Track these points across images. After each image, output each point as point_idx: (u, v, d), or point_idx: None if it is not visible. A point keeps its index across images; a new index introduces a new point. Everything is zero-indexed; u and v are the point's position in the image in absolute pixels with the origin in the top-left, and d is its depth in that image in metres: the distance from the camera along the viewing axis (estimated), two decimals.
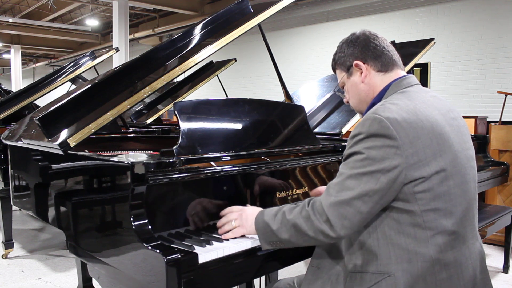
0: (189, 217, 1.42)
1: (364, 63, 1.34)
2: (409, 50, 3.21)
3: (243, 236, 1.39)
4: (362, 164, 1.14)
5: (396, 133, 1.12)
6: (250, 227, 1.34)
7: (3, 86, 5.76)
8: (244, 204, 1.50)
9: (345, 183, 1.16)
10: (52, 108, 1.73)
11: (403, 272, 1.14)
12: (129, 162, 1.31)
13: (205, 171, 1.47)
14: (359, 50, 1.34)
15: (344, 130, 2.40)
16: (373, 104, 1.33)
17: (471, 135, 3.69)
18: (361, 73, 1.34)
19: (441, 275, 1.15)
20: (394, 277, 1.14)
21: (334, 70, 1.47)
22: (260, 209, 1.37)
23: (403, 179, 1.12)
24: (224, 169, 1.52)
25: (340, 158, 1.86)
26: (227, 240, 1.36)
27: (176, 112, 1.57)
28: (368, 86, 1.34)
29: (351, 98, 1.42)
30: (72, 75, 4.31)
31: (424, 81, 5.65)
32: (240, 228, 1.37)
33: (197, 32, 2.05)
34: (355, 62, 1.35)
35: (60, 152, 1.66)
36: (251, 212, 1.37)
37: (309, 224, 1.18)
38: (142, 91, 1.74)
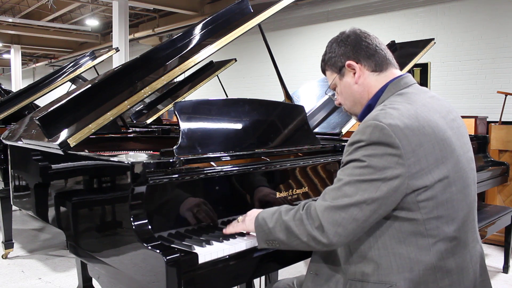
0: (189, 217, 1.42)
1: (357, 63, 1.28)
2: (409, 50, 3.21)
3: (242, 234, 1.39)
4: (362, 171, 1.10)
5: (399, 141, 1.08)
6: (249, 222, 1.33)
7: (3, 86, 5.76)
8: (244, 204, 1.50)
9: (342, 189, 1.12)
10: (52, 108, 1.73)
11: (405, 281, 1.12)
12: (129, 162, 1.31)
13: (205, 171, 1.47)
14: (351, 50, 1.28)
15: (344, 130, 2.40)
16: (369, 106, 1.29)
17: (471, 135, 3.70)
18: (354, 73, 1.29)
19: (443, 282, 1.13)
20: (396, 287, 1.12)
21: (324, 71, 1.40)
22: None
23: (405, 188, 1.09)
24: (224, 169, 1.52)
25: (340, 158, 1.86)
26: (227, 237, 1.37)
27: (176, 112, 1.57)
28: (363, 87, 1.29)
29: (345, 100, 1.36)
30: (72, 75, 4.31)
31: (424, 81, 5.65)
32: (240, 224, 1.37)
33: (197, 32, 2.05)
34: (348, 62, 1.29)
35: (60, 152, 1.66)
36: (255, 211, 1.36)
37: (302, 228, 1.15)
38: (142, 91, 1.74)
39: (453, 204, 1.14)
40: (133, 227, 1.26)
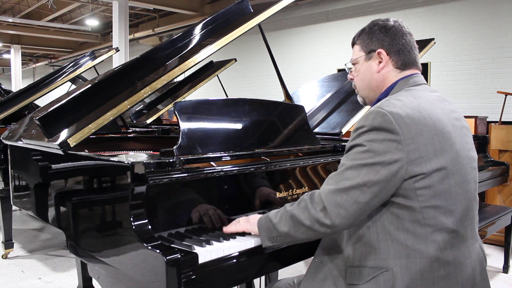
0: (189, 217, 1.42)
1: (387, 55, 1.31)
2: None
3: (243, 234, 1.39)
4: (363, 156, 1.15)
5: (399, 128, 1.12)
6: (253, 224, 1.35)
7: (3, 86, 5.76)
8: (244, 204, 1.50)
9: (344, 174, 1.17)
10: (52, 108, 1.73)
11: (401, 267, 1.15)
12: (129, 162, 1.31)
13: (205, 171, 1.47)
14: (389, 40, 1.31)
15: (344, 130, 2.40)
16: (378, 100, 1.33)
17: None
18: (380, 62, 1.32)
19: (439, 273, 1.15)
20: (392, 272, 1.15)
21: (353, 44, 1.41)
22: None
23: (403, 173, 1.13)
24: (224, 169, 1.52)
25: (340, 158, 1.86)
26: (227, 237, 1.36)
27: (176, 112, 1.57)
28: (382, 77, 1.33)
29: (360, 80, 1.39)
30: (72, 75, 4.31)
31: (426, 82, 5.65)
32: (244, 223, 1.38)
33: (197, 32, 2.05)
34: (380, 50, 1.32)
35: (60, 152, 1.66)
36: (257, 215, 1.38)
37: (306, 213, 1.19)
38: (142, 91, 1.74)
39: (451, 196, 1.17)
40: (133, 227, 1.26)
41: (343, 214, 1.14)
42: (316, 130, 2.48)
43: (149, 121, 3.90)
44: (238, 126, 1.73)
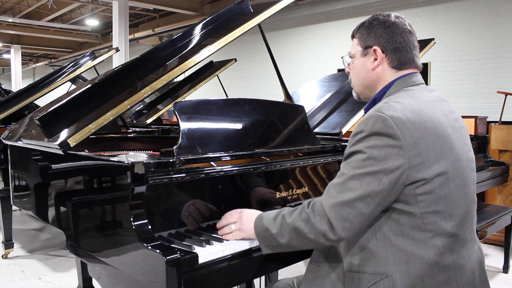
0: (189, 217, 1.42)
1: (383, 53, 1.28)
2: None
3: (242, 238, 1.38)
4: (364, 164, 1.12)
5: (400, 133, 1.10)
6: (249, 230, 1.33)
7: (3, 86, 5.76)
8: (243, 204, 1.50)
9: (346, 184, 1.13)
10: (52, 108, 1.73)
11: (401, 273, 1.13)
12: (129, 162, 1.31)
13: (205, 171, 1.46)
14: (386, 38, 1.27)
15: (344, 130, 2.40)
16: (374, 100, 1.31)
17: (471, 135, 3.69)
18: (375, 59, 1.29)
19: (439, 278, 1.14)
20: (391, 278, 1.13)
21: (352, 36, 1.38)
22: (258, 212, 1.35)
23: (404, 180, 1.11)
24: (224, 169, 1.52)
25: (340, 158, 1.86)
26: (227, 240, 1.36)
27: (176, 112, 1.57)
28: (377, 76, 1.30)
29: (354, 75, 1.37)
30: (72, 75, 4.31)
31: (424, 81, 5.65)
32: (239, 232, 1.36)
33: (197, 32, 2.05)
34: (376, 47, 1.28)
35: (60, 152, 1.66)
36: (250, 215, 1.35)
37: (309, 226, 1.16)
38: (142, 91, 1.73)
39: (451, 200, 1.16)
40: (133, 227, 1.26)
41: (348, 227, 1.12)
42: (316, 130, 2.48)
43: (149, 121, 3.90)
44: (238, 126, 1.73)
